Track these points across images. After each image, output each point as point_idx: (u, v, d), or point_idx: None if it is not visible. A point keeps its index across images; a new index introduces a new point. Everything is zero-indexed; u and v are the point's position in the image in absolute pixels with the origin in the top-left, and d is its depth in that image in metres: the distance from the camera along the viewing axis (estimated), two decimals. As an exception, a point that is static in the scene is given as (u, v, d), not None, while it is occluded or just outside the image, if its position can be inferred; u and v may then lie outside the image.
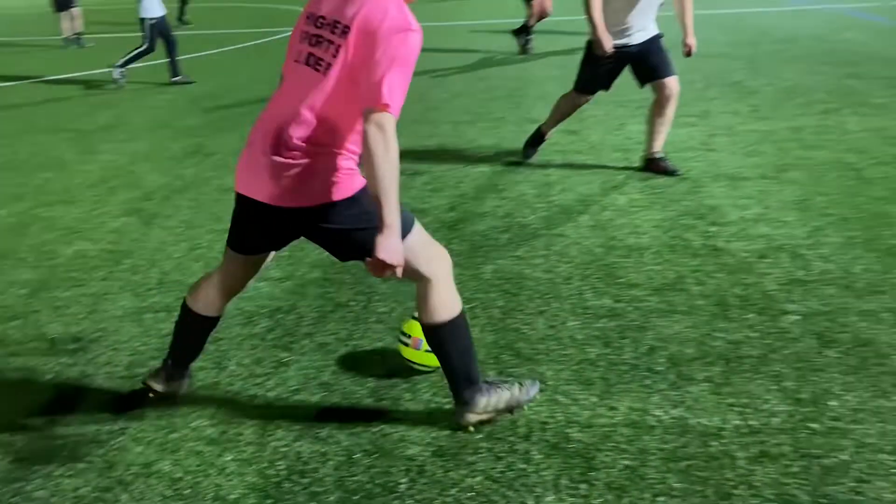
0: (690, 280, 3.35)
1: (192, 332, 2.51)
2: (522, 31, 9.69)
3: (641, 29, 4.55)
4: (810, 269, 3.37)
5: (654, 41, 4.59)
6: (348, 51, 1.96)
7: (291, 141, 2.02)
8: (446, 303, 2.25)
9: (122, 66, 8.62)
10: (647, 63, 4.62)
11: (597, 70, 4.69)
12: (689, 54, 4.69)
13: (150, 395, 2.57)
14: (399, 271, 1.92)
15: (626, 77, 4.79)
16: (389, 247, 1.87)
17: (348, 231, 2.10)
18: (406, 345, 2.66)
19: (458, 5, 15.71)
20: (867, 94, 6.52)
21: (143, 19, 8.49)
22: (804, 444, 2.26)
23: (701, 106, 6.44)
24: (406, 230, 2.08)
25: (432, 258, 2.23)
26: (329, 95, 2.00)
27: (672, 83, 4.59)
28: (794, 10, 12.76)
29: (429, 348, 2.43)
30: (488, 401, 2.32)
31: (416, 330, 2.56)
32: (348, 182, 2.08)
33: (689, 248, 3.69)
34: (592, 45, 4.59)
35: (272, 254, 2.39)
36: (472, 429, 2.38)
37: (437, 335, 2.30)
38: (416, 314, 2.39)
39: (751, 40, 9.80)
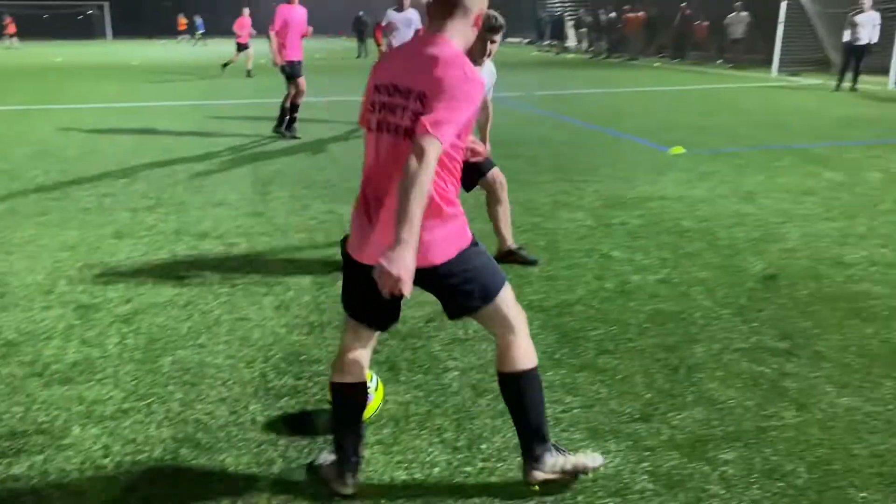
0: (366, 350, 3.60)
1: (350, 407, 2.51)
2: (285, 116, 9.71)
3: None
4: (469, 329, 3.81)
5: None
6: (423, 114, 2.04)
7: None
8: (528, 352, 2.40)
9: None
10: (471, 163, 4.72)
11: None
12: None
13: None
14: (406, 287, 1.91)
15: (308, 161, 5.04)
16: (400, 260, 1.89)
17: (456, 286, 2.24)
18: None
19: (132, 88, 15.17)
20: (519, 172, 7.59)
21: None
22: (458, 487, 2.54)
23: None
24: (501, 283, 2.31)
25: (519, 310, 2.40)
26: None
27: (496, 172, 4.68)
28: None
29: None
30: (556, 461, 2.43)
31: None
32: (455, 240, 2.22)
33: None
34: None
35: None
36: (536, 487, 2.46)
37: (519, 384, 2.39)
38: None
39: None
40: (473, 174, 4.48)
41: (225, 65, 19.77)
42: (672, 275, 4.61)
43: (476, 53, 4.06)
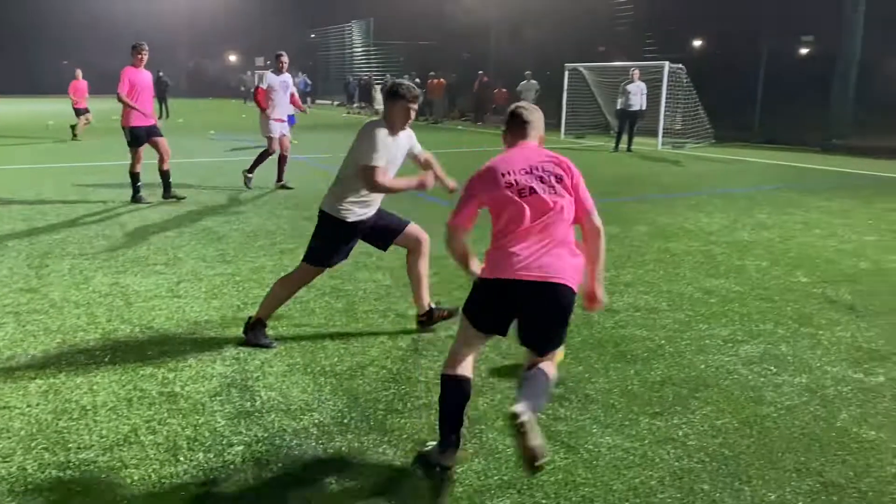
0: (144, 430, 3.40)
1: (459, 396, 3.03)
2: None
3: (376, 198, 4.40)
4: (255, 400, 3.73)
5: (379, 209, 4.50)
6: (568, 186, 3.10)
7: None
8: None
9: None
10: (382, 224, 4.52)
11: (336, 245, 4.41)
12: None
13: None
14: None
15: (92, 229, 4.73)
16: (602, 294, 3.27)
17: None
18: None
19: None
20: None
21: None
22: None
23: (170, 253, 6.68)
24: None
25: None
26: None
27: (414, 227, 4.59)
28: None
29: None
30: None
31: None
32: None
33: (146, 398, 3.75)
34: (331, 221, 4.31)
35: None
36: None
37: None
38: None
39: (225, 186, 10.61)
40: (390, 232, 4.58)
41: (73, 131, 17.82)
42: (462, 330, 4.81)
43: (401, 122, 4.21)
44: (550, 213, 2.98)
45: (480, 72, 28.32)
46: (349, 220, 4.33)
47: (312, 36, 48.83)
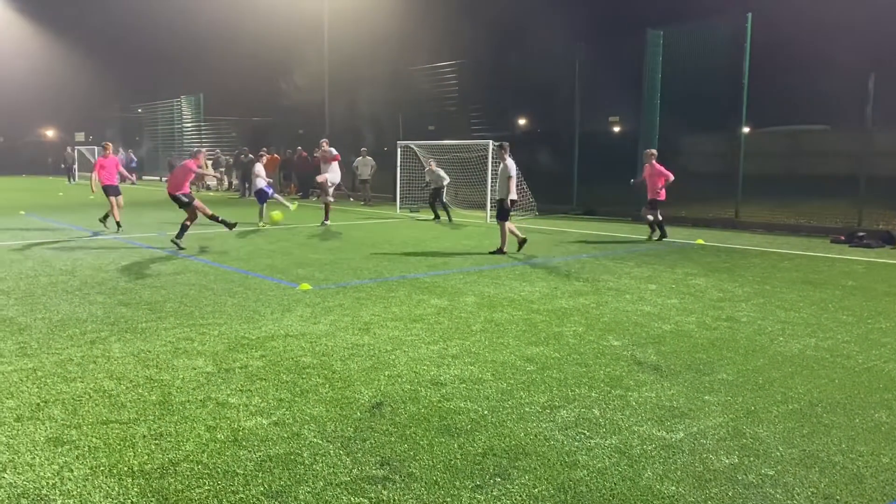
0: None
1: None
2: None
3: None
4: (49, 511, 3.38)
5: None
6: None
7: None
8: None
9: None
10: None
11: None
12: None
13: None
14: None
15: None
16: None
17: None
18: None
19: None
20: (136, 320, 7.17)
21: None
22: None
23: (-40, 349, 6.02)
24: None
25: None
26: None
27: None
28: (78, 240, 13.37)
29: None
30: None
31: None
32: None
33: (-86, 521, 3.29)
34: None
35: None
36: None
37: None
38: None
39: (31, 272, 9.79)
40: None
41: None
42: (286, 415, 4.67)
43: None
44: None
45: (299, 147, 28.82)
46: None
47: (139, 111, 47.03)
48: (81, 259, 11.17)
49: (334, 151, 17.29)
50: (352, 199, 26.35)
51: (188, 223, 13.06)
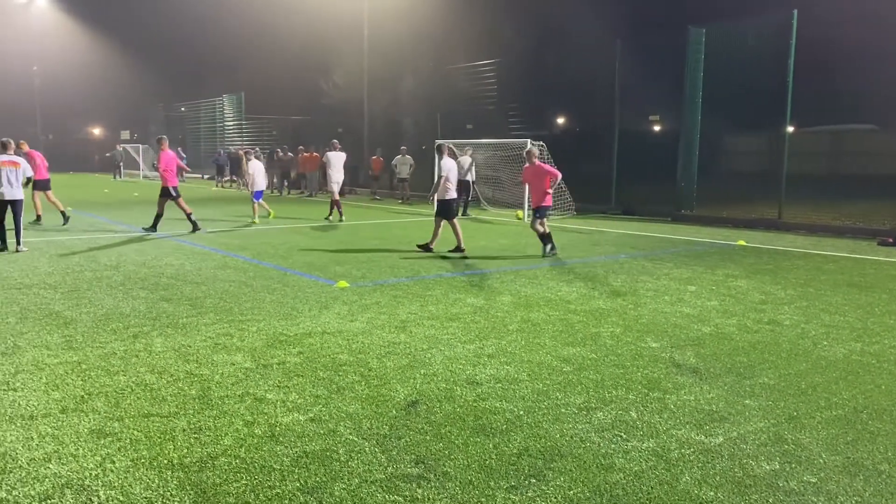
0: (-42, 546, 3.07)
1: None
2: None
3: None
4: (92, 502, 3.46)
5: None
6: None
7: None
8: None
9: None
10: None
11: None
12: None
13: None
14: None
15: None
16: None
17: None
18: None
19: None
20: (177, 316, 7.30)
21: None
22: None
23: (9, 341, 6.19)
24: None
25: None
26: None
27: None
28: (122, 236, 13.68)
29: None
30: None
31: None
32: None
33: (-35, 507, 3.40)
34: None
35: None
36: None
37: None
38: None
39: (77, 267, 10.03)
40: None
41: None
42: (323, 412, 4.71)
43: None
44: None
45: (335, 140, 28.91)
46: None
47: (182, 109, 47.88)
48: (125, 254, 11.42)
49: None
50: (375, 197, 26.40)
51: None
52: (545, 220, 12.04)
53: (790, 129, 17.90)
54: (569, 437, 4.36)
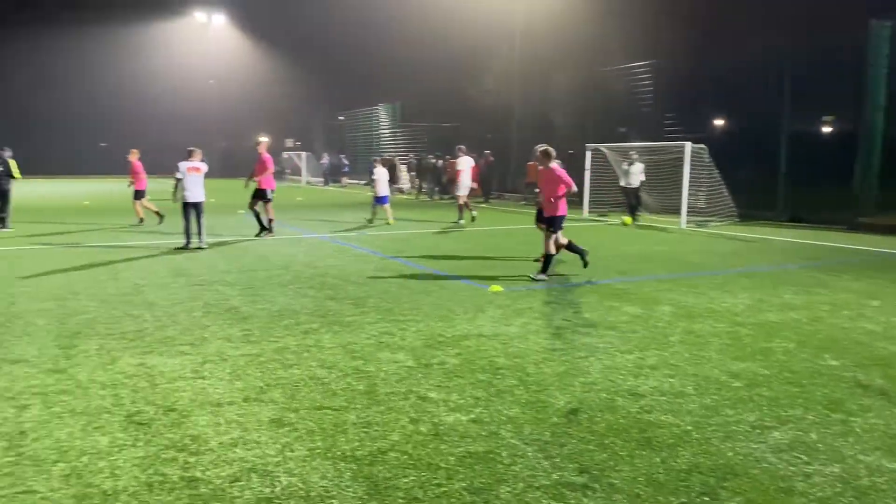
0: (162, 518, 3.38)
1: None
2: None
3: None
4: (275, 486, 3.70)
5: None
6: None
7: None
8: None
9: None
10: None
11: None
12: None
13: None
14: None
15: (121, 308, 4.82)
16: None
17: None
18: None
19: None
20: (343, 314, 7.66)
21: None
22: None
23: (196, 333, 6.76)
24: None
25: None
26: None
27: None
28: (289, 238, 14.54)
29: None
30: None
31: None
32: None
33: (167, 483, 3.74)
34: None
35: None
36: None
37: None
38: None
39: (251, 266, 10.79)
40: None
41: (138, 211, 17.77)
42: (483, 414, 4.77)
43: None
44: None
45: (487, 151, 29.08)
46: None
47: (341, 118, 50.25)
48: (293, 255, 12.13)
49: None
50: (522, 203, 26.23)
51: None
52: (559, 232, 10.08)
53: None
54: (742, 455, 4.13)
